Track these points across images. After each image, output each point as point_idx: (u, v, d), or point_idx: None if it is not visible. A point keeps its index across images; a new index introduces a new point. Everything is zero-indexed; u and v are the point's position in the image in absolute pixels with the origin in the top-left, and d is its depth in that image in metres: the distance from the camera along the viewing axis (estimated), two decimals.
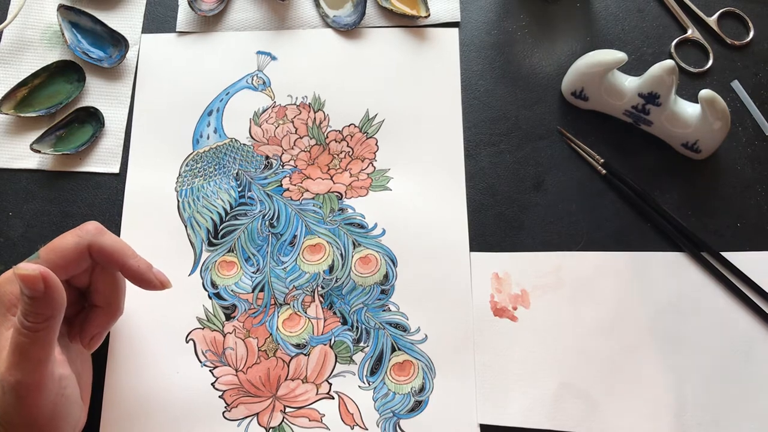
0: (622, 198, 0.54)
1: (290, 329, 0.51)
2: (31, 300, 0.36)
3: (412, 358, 0.50)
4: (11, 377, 0.36)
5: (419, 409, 0.49)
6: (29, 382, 0.36)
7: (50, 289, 0.36)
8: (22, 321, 0.36)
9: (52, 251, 0.41)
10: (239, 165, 0.55)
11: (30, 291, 0.36)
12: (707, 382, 0.49)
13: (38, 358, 0.37)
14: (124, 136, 0.56)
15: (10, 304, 0.39)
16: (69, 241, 0.42)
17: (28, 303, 0.36)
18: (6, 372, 0.36)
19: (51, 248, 0.41)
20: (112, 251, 0.42)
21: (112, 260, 0.43)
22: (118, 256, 0.43)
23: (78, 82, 0.57)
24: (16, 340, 0.36)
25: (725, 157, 0.55)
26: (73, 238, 0.42)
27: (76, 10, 0.58)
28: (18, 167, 0.55)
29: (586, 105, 0.55)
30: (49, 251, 0.41)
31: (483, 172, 0.55)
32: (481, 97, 0.57)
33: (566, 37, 0.59)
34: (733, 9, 0.59)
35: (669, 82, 0.50)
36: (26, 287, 0.36)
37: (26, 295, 0.36)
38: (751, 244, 0.52)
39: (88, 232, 0.42)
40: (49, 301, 0.36)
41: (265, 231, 0.53)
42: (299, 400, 0.49)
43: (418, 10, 0.59)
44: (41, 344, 0.37)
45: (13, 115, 0.55)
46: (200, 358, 0.50)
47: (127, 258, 0.43)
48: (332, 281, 0.52)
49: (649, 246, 0.52)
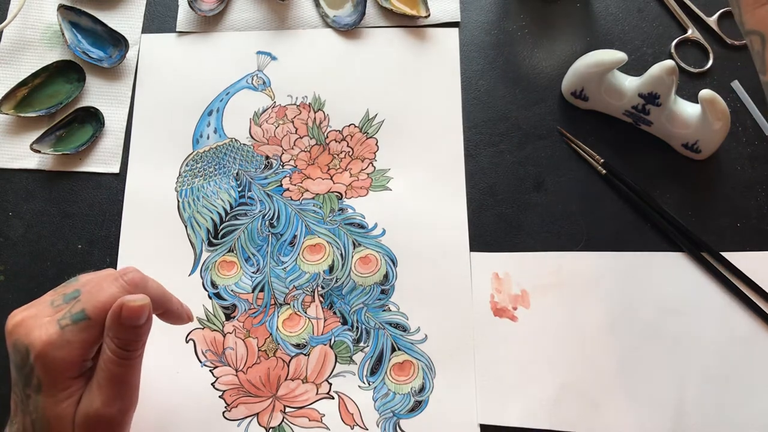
0: (622, 198, 0.54)
1: (290, 329, 0.51)
2: (135, 329, 0.38)
3: (412, 358, 0.50)
4: (111, 409, 0.37)
5: (419, 409, 0.49)
6: (128, 406, 0.38)
7: (150, 316, 0.39)
8: (121, 352, 0.38)
9: (101, 310, 0.38)
10: (239, 165, 0.55)
11: (138, 320, 0.38)
12: (707, 382, 0.49)
13: (135, 384, 0.39)
14: (124, 136, 0.56)
15: (62, 369, 0.37)
16: (117, 297, 0.38)
17: (130, 332, 0.38)
18: (103, 407, 0.37)
19: (99, 307, 0.38)
20: (157, 299, 0.41)
21: (156, 306, 0.41)
22: (163, 302, 0.42)
23: (78, 82, 0.57)
24: (113, 372, 0.38)
25: (725, 158, 0.55)
26: (120, 291, 0.39)
27: (76, 10, 0.58)
28: (18, 167, 0.55)
29: (586, 105, 0.55)
30: (98, 310, 0.38)
31: (483, 172, 0.55)
32: (481, 97, 0.57)
33: (566, 37, 0.59)
34: None
35: (669, 82, 0.50)
36: (137, 317, 0.37)
37: (132, 326, 0.38)
38: (751, 244, 0.52)
39: (135, 285, 0.40)
40: (147, 328, 0.39)
41: (265, 231, 0.53)
42: (299, 400, 0.49)
43: (418, 10, 0.59)
44: (137, 369, 0.39)
45: (13, 115, 0.55)
46: (200, 358, 0.50)
47: (171, 303, 0.42)
48: (332, 281, 0.52)
49: (649, 246, 0.52)
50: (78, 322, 0.37)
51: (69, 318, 0.37)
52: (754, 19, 0.32)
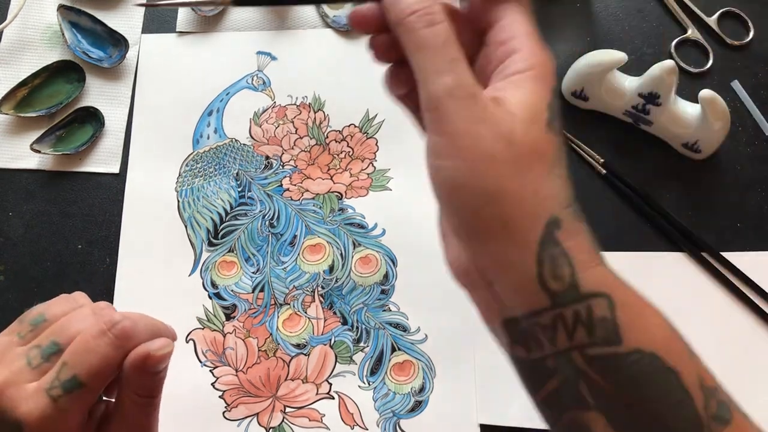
0: (622, 198, 0.54)
1: (290, 329, 0.51)
2: (159, 374, 0.35)
3: (412, 358, 0.50)
4: None
5: (419, 409, 0.49)
6: None
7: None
8: (147, 401, 0.35)
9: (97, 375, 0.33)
10: (239, 165, 0.55)
11: (164, 365, 0.35)
12: None
13: (156, 421, 0.37)
14: (124, 136, 0.56)
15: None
16: (112, 357, 0.34)
17: (156, 378, 0.35)
18: None
19: (94, 372, 0.33)
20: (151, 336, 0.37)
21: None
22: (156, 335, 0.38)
23: (78, 82, 0.57)
24: (142, 423, 0.35)
25: (725, 157, 0.55)
26: (113, 350, 0.34)
27: (76, 10, 0.58)
28: (18, 167, 0.55)
29: (586, 105, 0.55)
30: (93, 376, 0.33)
31: None
32: None
33: (566, 37, 0.59)
34: (733, 9, 0.59)
35: (669, 82, 0.50)
36: (164, 363, 0.35)
37: (156, 372, 0.34)
38: (751, 244, 0.52)
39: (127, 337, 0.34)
40: (166, 371, 0.36)
41: (265, 231, 0.53)
42: (299, 400, 0.49)
43: None
44: (158, 412, 0.37)
45: (13, 115, 0.55)
46: (200, 358, 0.50)
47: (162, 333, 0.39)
48: (332, 281, 0.52)
49: (649, 246, 0.52)
50: (72, 390, 0.33)
51: (60, 387, 0.33)
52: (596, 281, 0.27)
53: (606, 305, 0.26)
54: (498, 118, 0.27)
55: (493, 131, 0.26)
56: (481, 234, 0.27)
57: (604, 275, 0.27)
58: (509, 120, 0.27)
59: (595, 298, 0.26)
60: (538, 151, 0.27)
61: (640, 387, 0.26)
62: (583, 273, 0.26)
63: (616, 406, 0.26)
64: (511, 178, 0.26)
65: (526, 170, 0.27)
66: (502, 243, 0.27)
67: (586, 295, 0.26)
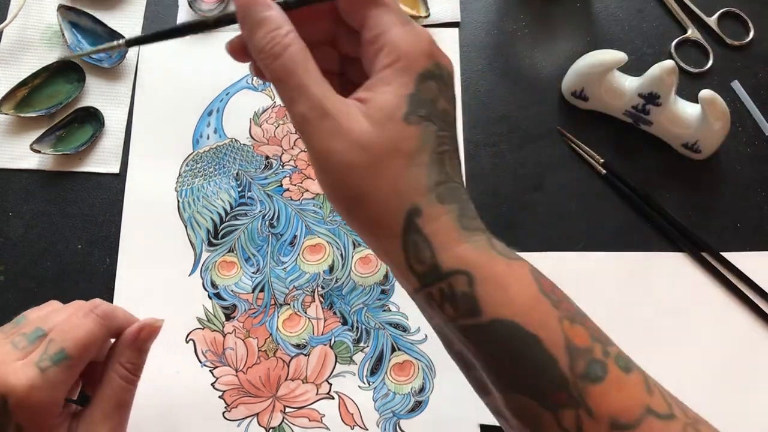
0: (622, 198, 0.54)
1: (290, 329, 0.51)
2: (145, 351, 0.40)
3: (412, 358, 0.50)
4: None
5: (419, 409, 0.49)
6: (124, 429, 0.39)
7: None
8: (131, 377, 0.39)
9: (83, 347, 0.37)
10: (239, 165, 0.55)
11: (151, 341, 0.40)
12: (707, 381, 0.49)
13: (131, 404, 0.40)
14: (124, 136, 0.56)
15: (46, 412, 0.36)
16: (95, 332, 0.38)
17: (143, 355, 0.40)
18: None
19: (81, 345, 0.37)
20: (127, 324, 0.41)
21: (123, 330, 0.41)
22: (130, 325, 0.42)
23: (78, 82, 0.57)
24: (122, 399, 0.38)
25: (725, 158, 0.55)
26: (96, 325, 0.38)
27: (76, 10, 0.58)
28: (18, 167, 0.55)
29: (586, 105, 0.55)
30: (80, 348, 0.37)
31: (483, 173, 0.55)
32: (481, 97, 0.57)
33: (566, 37, 0.59)
34: (733, 9, 0.59)
35: (669, 82, 0.50)
36: (154, 336, 0.40)
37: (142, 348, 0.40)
38: (751, 244, 0.52)
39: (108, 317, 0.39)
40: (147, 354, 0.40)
41: (265, 231, 0.53)
42: (299, 401, 0.49)
43: (418, 10, 0.59)
44: (134, 395, 0.39)
45: (13, 115, 0.55)
46: (200, 358, 0.50)
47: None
48: (332, 281, 0.52)
49: (649, 246, 0.52)
50: (59, 362, 0.36)
51: (48, 359, 0.36)
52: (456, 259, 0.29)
53: (465, 281, 0.28)
54: (350, 129, 0.29)
55: (346, 142, 0.29)
56: (361, 232, 0.31)
57: (466, 253, 0.29)
58: (362, 126, 0.29)
59: (454, 276, 0.29)
60: (394, 147, 0.29)
61: (503, 353, 0.28)
62: (443, 254, 0.29)
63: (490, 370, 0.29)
64: (370, 181, 0.29)
65: (383, 169, 0.29)
66: (376, 238, 0.30)
67: (446, 273, 0.29)
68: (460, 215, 0.29)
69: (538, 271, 0.31)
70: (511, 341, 0.28)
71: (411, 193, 0.29)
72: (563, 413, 0.28)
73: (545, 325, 0.28)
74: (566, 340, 0.28)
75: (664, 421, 0.28)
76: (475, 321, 0.29)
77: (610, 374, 0.28)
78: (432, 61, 0.30)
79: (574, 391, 0.27)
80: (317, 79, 0.29)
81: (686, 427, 0.28)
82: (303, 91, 0.29)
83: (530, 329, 0.28)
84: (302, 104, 0.29)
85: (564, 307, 0.29)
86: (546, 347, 0.28)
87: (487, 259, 0.29)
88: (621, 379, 0.28)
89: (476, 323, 0.29)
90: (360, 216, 0.30)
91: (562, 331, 0.28)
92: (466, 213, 0.30)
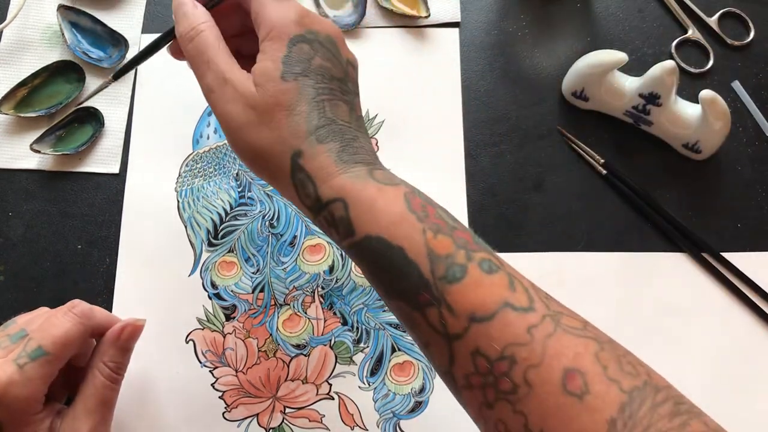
0: (622, 198, 0.54)
1: (290, 330, 0.51)
2: (128, 351, 0.42)
3: (412, 359, 0.50)
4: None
5: (419, 410, 0.49)
6: (108, 429, 0.40)
7: None
8: (114, 376, 0.40)
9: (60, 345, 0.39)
10: (239, 165, 0.55)
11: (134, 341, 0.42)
12: (707, 382, 0.49)
13: (114, 403, 0.41)
14: (124, 136, 0.56)
15: (25, 407, 0.37)
16: (72, 330, 0.39)
17: (126, 354, 0.42)
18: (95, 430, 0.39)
19: (58, 342, 0.39)
20: (106, 325, 0.43)
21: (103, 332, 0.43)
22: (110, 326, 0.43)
23: (78, 82, 0.57)
24: (106, 397, 0.40)
25: (726, 158, 0.55)
26: (74, 324, 0.40)
27: (76, 10, 0.58)
28: (18, 167, 0.55)
29: (587, 105, 0.55)
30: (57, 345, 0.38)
31: (483, 172, 0.55)
32: (481, 97, 0.57)
33: (566, 37, 0.59)
34: (733, 9, 0.59)
35: (669, 82, 0.50)
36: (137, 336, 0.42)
37: (124, 347, 0.42)
38: (751, 244, 0.52)
39: (87, 317, 0.41)
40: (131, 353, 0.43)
41: (265, 231, 0.53)
42: (299, 401, 0.49)
43: (418, 10, 0.59)
44: (117, 394, 0.41)
45: (13, 115, 0.55)
46: (200, 358, 0.50)
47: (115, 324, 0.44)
48: (332, 281, 0.52)
49: (649, 246, 0.52)
50: (37, 358, 0.37)
51: (26, 356, 0.37)
52: (333, 189, 0.33)
53: (342, 207, 0.33)
54: (242, 93, 0.35)
55: (240, 105, 0.35)
56: (264, 179, 0.37)
57: (342, 183, 0.33)
58: (250, 90, 0.35)
59: (334, 204, 0.33)
60: (275, 103, 0.34)
61: (376, 264, 0.33)
62: (322, 186, 0.34)
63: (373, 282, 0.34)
64: (261, 134, 0.34)
65: (269, 122, 0.34)
66: (275, 182, 0.36)
67: (327, 203, 0.34)
68: (340, 151, 0.34)
69: (417, 192, 0.34)
70: (381, 253, 0.32)
71: (293, 140, 0.34)
72: (428, 311, 0.32)
73: (409, 236, 0.32)
74: (428, 249, 0.32)
75: (521, 312, 0.30)
76: (352, 240, 0.33)
77: (469, 275, 0.31)
78: (303, 28, 0.36)
79: (435, 292, 0.31)
80: (223, 57, 0.36)
81: (545, 317, 0.31)
82: (210, 66, 0.36)
83: (395, 241, 0.32)
84: (209, 76, 0.36)
85: (430, 221, 0.33)
86: (409, 255, 0.32)
87: (361, 186, 0.33)
88: (481, 279, 0.31)
89: (353, 241, 0.33)
90: (259, 166, 0.36)
91: (424, 241, 0.32)
92: (346, 149, 0.34)
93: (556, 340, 0.30)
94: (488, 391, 0.30)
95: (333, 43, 0.37)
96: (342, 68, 0.37)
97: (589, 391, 0.29)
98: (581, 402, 0.28)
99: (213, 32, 0.36)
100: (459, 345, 0.31)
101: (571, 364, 0.29)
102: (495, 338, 0.30)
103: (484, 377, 0.30)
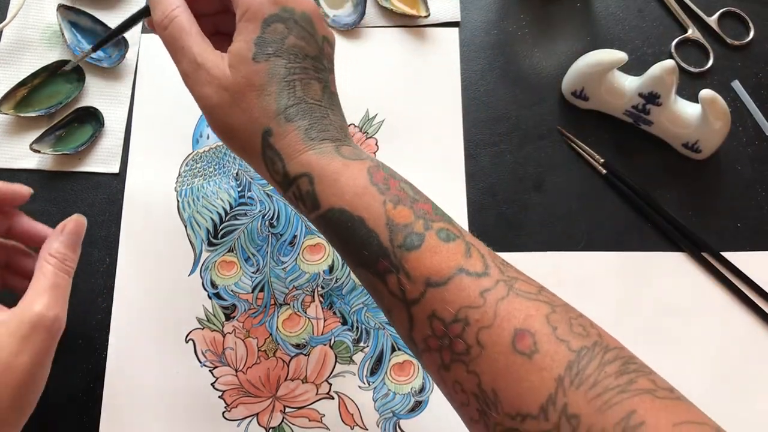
0: (622, 198, 0.54)
1: (290, 329, 0.51)
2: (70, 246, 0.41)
3: (412, 358, 0.50)
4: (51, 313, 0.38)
5: (419, 409, 0.49)
6: (62, 319, 0.39)
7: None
8: (61, 265, 0.40)
9: None
10: (239, 165, 0.55)
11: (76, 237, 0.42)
12: (707, 381, 0.49)
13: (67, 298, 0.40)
14: (124, 136, 0.56)
15: None
16: None
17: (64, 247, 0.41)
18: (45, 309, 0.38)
19: None
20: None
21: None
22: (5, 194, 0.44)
23: (78, 82, 0.57)
24: (56, 281, 0.39)
25: (725, 157, 0.55)
26: None
27: (76, 10, 0.58)
28: (18, 167, 0.55)
29: (587, 105, 0.55)
30: None
31: (483, 172, 0.55)
32: (481, 97, 0.57)
33: (566, 37, 0.59)
34: (733, 9, 0.59)
35: (669, 82, 0.50)
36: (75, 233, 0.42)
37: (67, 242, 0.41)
38: (751, 244, 0.52)
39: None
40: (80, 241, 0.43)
41: (265, 231, 0.53)
42: (299, 401, 0.49)
43: (418, 9, 0.59)
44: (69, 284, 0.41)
45: (12, 115, 0.55)
46: (200, 358, 0.50)
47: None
48: (332, 281, 0.52)
49: (649, 246, 0.52)
50: None
51: None
52: (300, 165, 0.35)
53: (308, 182, 0.35)
54: (215, 75, 0.36)
55: (214, 87, 0.36)
56: (240, 156, 0.38)
57: (308, 159, 0.35)
58: (224, 72, 0.36)
59: (300, 179, 0.35)
60: (247, 84, 0.35)
61: (339, 235, 0.34)
62: (290, 162, 0.35)
63: (339, 252, 0.36)
64: (233, 114, 0.36)
65: (240, 102, 0.36)
66: (249, 159, 0.37)
67: (294, 178, 0.35)
68: (308, 129, 0.35)
69: (382, 167, 0.36)
70: (343, 224, 0.34)
71: (263, 119, 0.35)
72: (388, 278, 0.33)
73: (369, 207, 0.34)
74: (387, 219, 0.33)
75: (474, 277, 0.32)
76: (318, 213, 0.35)
77: (426, 243, 0.33)
78: (278, 6, 0.36)
79: (393, 259, 0.33)
80: (197, 42, 0.37)
81: (498, 282, 0.32)
82: (185, 51, 0.37)
83: (356, 212, 0.34)
84: (184, 61, 0.37)
85: (391, 193, 0.34)
86: (369, 225, 0.33)
87: (326, 161, 0.35)
88: (437, 246, 0.33)
89: (319, 214, 0.35)
90: (234, 144, 0.37)
91: (384, 211, 0.33)
92: (314, 126, 0.36)
93: (508, 303, 0.31)
94: (444, 353, 0.32)
95: (308, 20, 0.37)
96: (317, 46, 0.37)
97: (538, 350, 0.30)
98: (530, 361, 0.30)
99: (185, 17, 0.37)
100: (417, 309, 0.32)
101: (522, 324, 0.30)
102: (449, 302, 0.31)
103: (440, 340, 0.32)
